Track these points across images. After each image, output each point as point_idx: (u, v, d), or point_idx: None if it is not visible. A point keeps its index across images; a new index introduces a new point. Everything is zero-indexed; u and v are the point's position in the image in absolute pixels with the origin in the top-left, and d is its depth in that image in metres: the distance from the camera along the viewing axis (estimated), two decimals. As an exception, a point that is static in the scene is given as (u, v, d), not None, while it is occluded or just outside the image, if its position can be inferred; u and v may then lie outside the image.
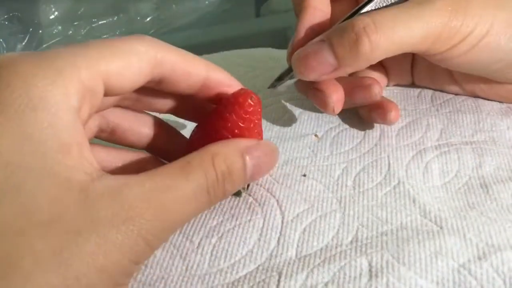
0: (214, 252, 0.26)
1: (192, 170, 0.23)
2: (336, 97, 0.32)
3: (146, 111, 0.30)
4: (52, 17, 0.53)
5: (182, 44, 0.28)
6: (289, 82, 0.37)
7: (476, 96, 0.37)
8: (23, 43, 0.53)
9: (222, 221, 0.28)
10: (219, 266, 0.25)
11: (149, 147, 0.29)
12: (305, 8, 0.33)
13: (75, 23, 0.54)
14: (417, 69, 0.38)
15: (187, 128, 0.34)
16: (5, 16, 0.51)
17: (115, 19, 0.55)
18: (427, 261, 0.24)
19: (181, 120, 0.33)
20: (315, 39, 0.31)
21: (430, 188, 0.29)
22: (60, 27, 0.53)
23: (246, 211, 0.28)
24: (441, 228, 0.26)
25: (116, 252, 0.20)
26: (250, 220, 0.28)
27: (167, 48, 0.25)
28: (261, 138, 0.28)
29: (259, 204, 0.29)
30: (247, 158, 0.25)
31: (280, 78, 0.35)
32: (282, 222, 0.28)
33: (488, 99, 0.36)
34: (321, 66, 0.30)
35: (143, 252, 0.21)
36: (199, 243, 0.27)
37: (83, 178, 0.20)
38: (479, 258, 0.24)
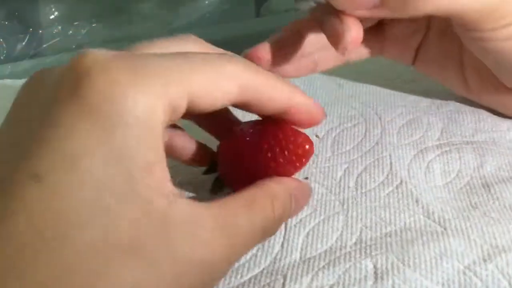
0: (218, 256, 0.26)
1: (254, 210, 0.22)
2: (356, 34, 0.27)
3: None
4: (52, 17, 0.53)
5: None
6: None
7: (478, 101, 0.36)
8: (23, 43, 0.52)
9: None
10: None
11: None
12: None
13: (75, 23, 0.54)
14: (425, 51, 0.35)
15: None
16: (5, 16, 0.51)
17: (115, 19, 0.54)
18: (432, 263, 0.24)
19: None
20: None
21: (432, 188, 0.29)
22: (60, 27, 0.53)
23: (250, 215, 0.28)
24: (445, 229, 0.26)
25: (188, 285, 0.19)
26: (253, 225, 0.28)
27: (256, 71, 0.23)
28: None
29: (262, 210, 0.29)
30: (293, 200, 0.25)
31: None
32: (286, 228, 0.27)
33: (491, 107, 0.35)
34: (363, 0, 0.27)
35: (205, 283, 0.21)
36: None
37: (162, 202, 0.19)
38: (484, 260, 0.24)
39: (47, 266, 0.17)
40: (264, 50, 0.31)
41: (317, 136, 0.35)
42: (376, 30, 0.35)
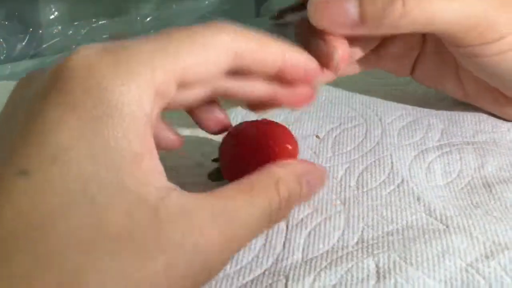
0: (220, 258, 0.26)
1: (257, 195, 0.22)
2: (343, 53, 0.28)
3: None
4: (52, 17, 0.53)
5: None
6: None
7: (478, 106, 0.35)
8: (23, 43, 0.52)
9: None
10: (226, 271, 0.25)
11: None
12: None
13: (75, 23, 0.54)
14: (421, 65, 0.35)
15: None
16: (5, 16, 0.51)
17: (115, 19, 0.54)
18: (435, 261, 0.24)
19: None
20: None
21: (433, 187, 0.29)
22: (60, 27, 0.53)
23: (251, 216, 0.28)
24: (447, 227, 0.26)
25: (181, 278, 0.19)
26: (255, 226, 0.28)
27: (247, 37, 0.23)
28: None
29: (263, 210, 0.29)
30: (304, 183, 0.24)
31: (285, 11, 0.31)
32: (287, 227, 0.27)
33: (491, 111, 0.35)
34: (341, 18, 0.27)
35: (205, 278, 0.21)
36: (204, 249, 0.27)
37: (154, 194, 0.20)
38: (487, 257, 0.24)
39: (33, 254, 0.17)
40: None
41: (317, 136, 0.35)
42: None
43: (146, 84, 0.20)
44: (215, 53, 0.22)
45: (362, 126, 0.36)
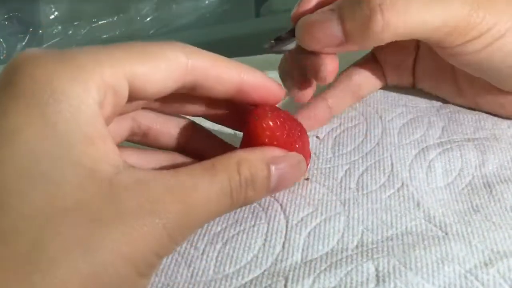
0: (219, 258, 0.26)
1: (216, 173, 0.23)
2: (331, 67, 0.30)
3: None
4: (52, 17, 0.53)
5: (182, 44, 0.28)
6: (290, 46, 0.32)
7: (477, 108, 0.35)
8: (23, 43, 0.52)
9: (226, 227, 0.28)
10: (225, 272, 0.25)
11: (182, 148, 0.29)
12: None
13: (75, 23, 0.54)
14: (420, 69, 0.36)
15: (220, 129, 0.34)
16: (5, 16, 0.51)
17: (115, 19, 0.54)
18: (434, 267, 0.24)
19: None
20: (325, 8, 0.29)
21: (433, 190, 0.29)
22: (60, 27, 0.53)
23: (250, 216, 0.28)
24: (446, 234, 0.26)
25: (141, 242, 0.20)
26: (254, 226, 0.28)
27: (199, 53, 0.24)
28: (294, 150, 0.27)
29: (263, 209, 0.29)
30: (273, 168, 0.25)
31: (280, 39, 0.32)
32: (287, 227, 0.27)
33: (491, 113, 0.35)
34: (327, 38, 0.28)
35: (166, 246, 0.21)
36: (203, 250, 0.27)
37: (108, 169, 0.20)
38: (486, 264, 0.24)
39: None
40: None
41: (317, 137, 0.35)
42: (374, 62, 0.36)
43: (93, 75, 0.21)
44: (165, 64, 0.23)
45: (362, 125, 0.35)
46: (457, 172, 0.30)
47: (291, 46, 0.31)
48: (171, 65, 0.23)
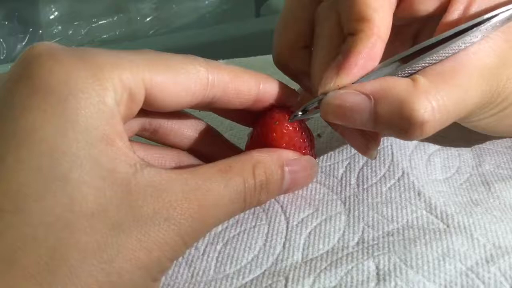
0: (220, 258, 0.26)
1: (232, 175, 0.23)
2: (377, 146, 0.27)
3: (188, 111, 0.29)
4: (52, 17, 0.53)
5: (182, 44, 0.28)
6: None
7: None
8: (23, 43, 0.52)
9: (227, 227, 0.28)
10: (225, 272, 0.25)
11: (190, 148, 0.29)
12: (368, 36, 0.25)
13: (75, 23, 0.54)
14: None
15: (230, 130, 0.34)
16: (5, 16, 0.51)
17: (115, 19, 0.54)
18: (435, 264, 0.24)
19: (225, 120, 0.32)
20: (359, 87, 0.24)
21: (433, 181, 0.29)
22: (60, 27, 0.53)
23: (251, 217, 0.28)
24: (447, 226, 0.26)
25: (156, 249, 0.20)
26: (255, 226, 0.28)
27: (218, 68, 0.24)
28: (306, 154, 0.28)
29: (263, 210, 0.29)
30: (287, 169, 0.25)
31: (306, 111, 0.27)
32: (287, 227, 0.27)
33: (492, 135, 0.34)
34: (354, 122, 0.24)
35: (179, 250, 0.21)
36: (204, 250, 0.27)
37: (126, 170, 0.20)
38: (487, 261, 0.24)
39: (6, 239, 0.18)
40: None
41: (318, 135, 0.35)
42: None
43: (112, 76, 0.21)
44: (185, 77, 0.23)
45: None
46: (455, 169, 0.31)
47: (318, 115, 0.28)
48: (191, 78, 0.23)
